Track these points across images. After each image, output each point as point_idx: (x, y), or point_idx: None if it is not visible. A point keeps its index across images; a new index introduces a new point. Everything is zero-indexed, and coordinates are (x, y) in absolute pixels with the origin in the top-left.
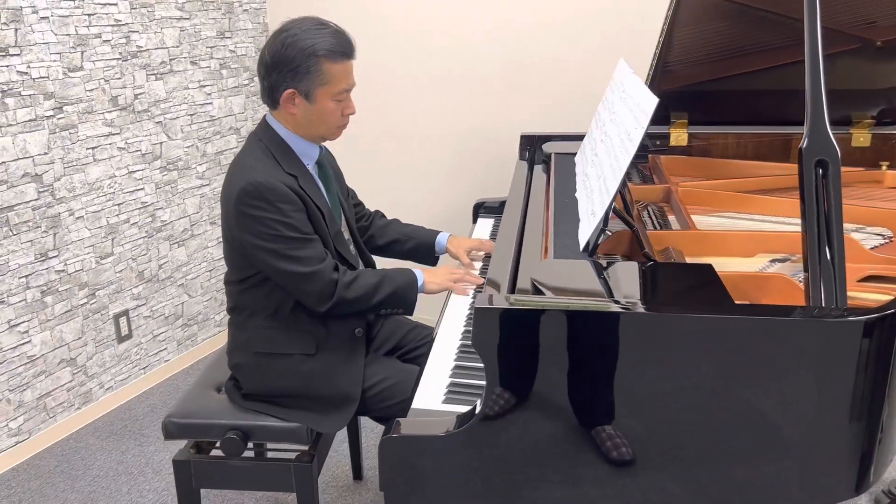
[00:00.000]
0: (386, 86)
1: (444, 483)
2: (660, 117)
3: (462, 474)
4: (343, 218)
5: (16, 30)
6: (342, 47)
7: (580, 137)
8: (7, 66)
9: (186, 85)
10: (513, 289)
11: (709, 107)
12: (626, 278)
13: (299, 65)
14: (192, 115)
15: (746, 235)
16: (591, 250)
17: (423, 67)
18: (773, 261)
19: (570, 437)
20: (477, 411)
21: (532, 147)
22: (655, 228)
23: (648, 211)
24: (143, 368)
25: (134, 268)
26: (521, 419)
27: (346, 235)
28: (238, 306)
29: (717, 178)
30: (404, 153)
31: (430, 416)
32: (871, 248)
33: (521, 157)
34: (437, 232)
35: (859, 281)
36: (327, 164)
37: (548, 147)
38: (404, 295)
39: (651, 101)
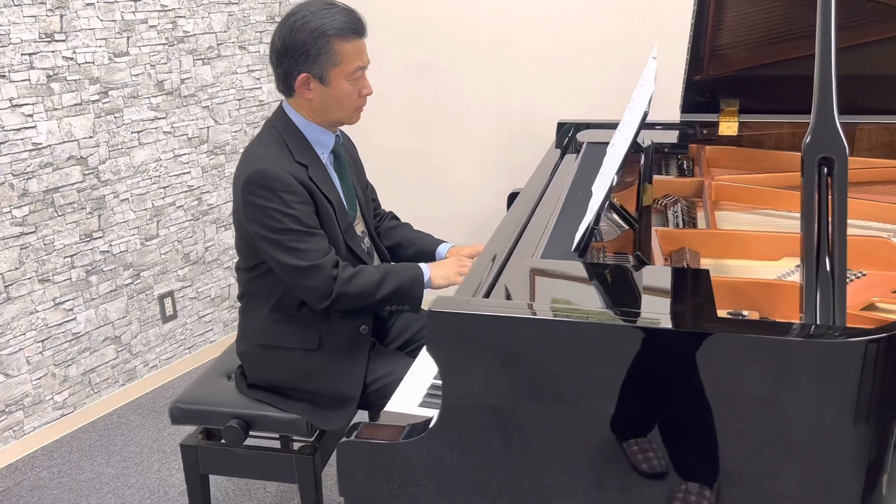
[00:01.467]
0: (423, 72)
1: (397, 491)
2: (706, 104)
3: (415, 483)
4: (358, 210)
5: (61, 16)
6: (352, 25)
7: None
8: (53, 52)
9: (234, 70)
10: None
11: (763, 93)
12: (603, 282)
13: (310, 47)
14: (240, 99)
15: (772, 237)
16: (580, 250)
17: (462, 53)
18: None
19: (520, 449)
20: (432, 424)
21: (569, 135)
22: (678, 226)
23: (678, 206)
24: (189, 349)
25: (179, 250)
26: (474, 432)
27: (361, 229)
28: (246, 294)
29: (765, 172)
30: (442, 142)
31: (402, 419)
32: None
33: (557, 145)
34: (441, 241)
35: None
36: (343, 155)
37: (582, 136)
38: (408, 291)
39: (648, 91)
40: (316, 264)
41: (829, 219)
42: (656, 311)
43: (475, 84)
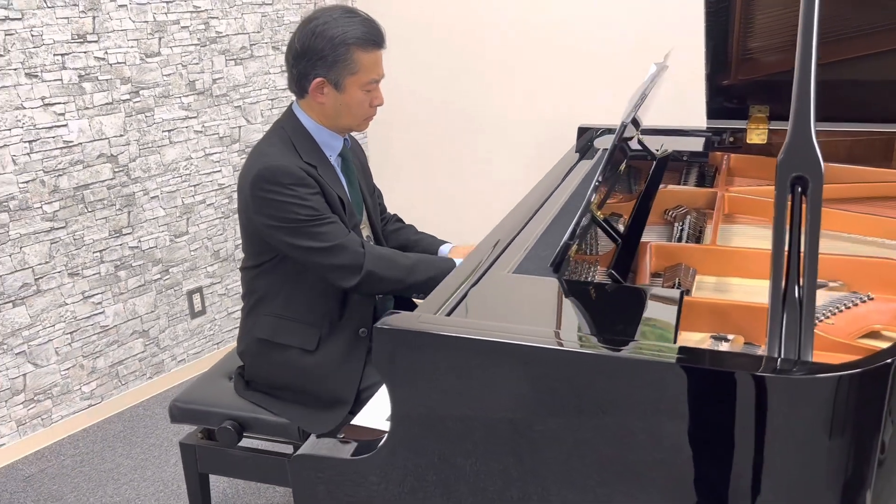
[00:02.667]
0: (450, 79)
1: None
2: (735, 111)
3: (370, 499)
4: (365, 214)
5: (93, 17)
6: (373, 36)
7: (656, 131)
8: (84, 52)
9: (267, 70)
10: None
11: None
12: (559, 301)
13: (329, 53)
14: (272, 99)
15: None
16: (556, 266)
17: (489, 59)
18: None
19: (468, 468)
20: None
21: (590, 140)
22: (680, 240)
23: (687, 219)
24: (217, 344)
25: (209, 247)
26: (420, 449)
27: (367, 233)
28: (250, 291)
29: None
30: (468, 147)
31: (365, 434)
32: None
33: (577, 150)
34: (443, 242)
35: None
36: (351, 158)
37: (599, 142)
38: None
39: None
40: (340, 243)
41: (801, 242)
42: (602, 335)
43: (502, 90)
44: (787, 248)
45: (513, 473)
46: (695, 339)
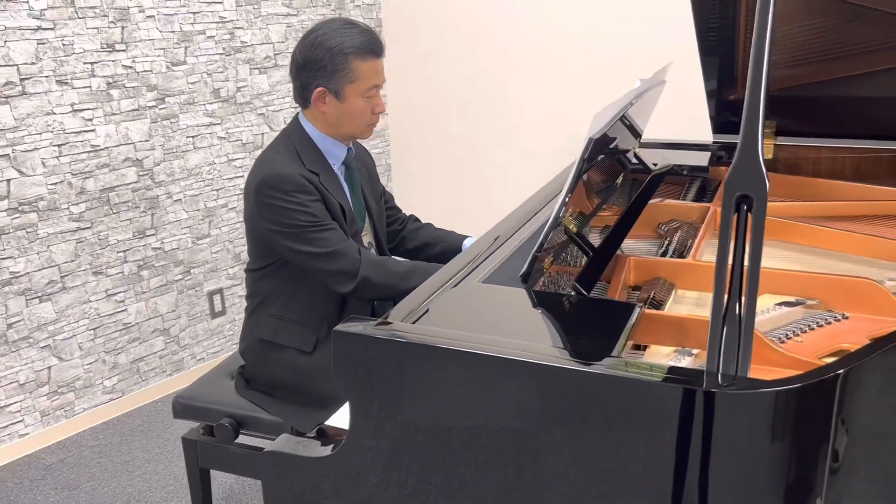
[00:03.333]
0: (472, 83)
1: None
2: (738, 126)
3: (337, 496)
4: (368, 222)
5: (122, 28)
6: (370, 45)
7: (663, 145)
8: (113, 61)
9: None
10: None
11: (803, 115)
12: (517, 312)
13: (328, 63)
14: (295, 107)
15: None
16: (524, 277)
17: (518, 66)
18: (782, 304)
19: (416, 475)
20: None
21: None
22: (665, 254)
23: (678, 233)
24: (236, 344)
25: (231, 249)
26: (376, 454)
27: (368, 240)
28: (253, 293)
29: (797, 199)
30: (488, 149)
31: (337, 433)
32: None
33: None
34: (465, 237)
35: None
36: (355, 167)
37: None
38: None
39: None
40: (338, 249)
41: (744, 259)
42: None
43: (523, 98)
44: (729, 265)
45: (454, 481)
46: (663, 352)
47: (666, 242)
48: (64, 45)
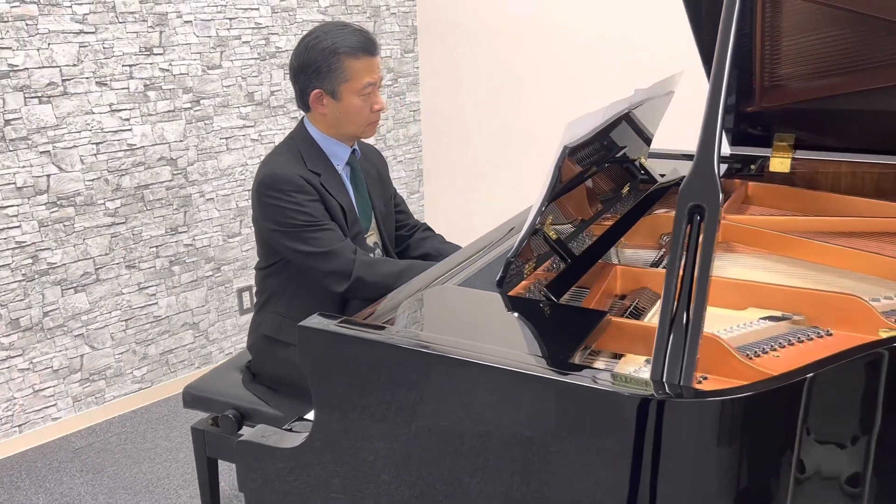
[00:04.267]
0: (502, 92)
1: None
2: (756, 139)
3: (299, 489)
4: (373, 222)
5: (160, 32)
6: (362, 44)
7: (679, 156)
8: (150, 64)
9: None
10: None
11: (821, 128)
12: (489, 316)
13: (321, 64)
14: None
15: (735, 284)
16: (499, 281)
17: (545, 74)
18: (767, 318)
19: (373, 469)
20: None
21: None
22: (657, 265)
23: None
24: None
25: None
26: (334, 446)
27: (374, 240)
28: (260, 290)
29: (814, 214)
30: (517, 158)
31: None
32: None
33: None
34: None
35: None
36: (361, 169)
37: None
38: None
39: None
40: (333, 249)
41: (694, 269)
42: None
43: (561, 106)
44: (679, 274)
45: (405, 476)
46: (639, 361)
47: (662, 253)
48: (104, 48)
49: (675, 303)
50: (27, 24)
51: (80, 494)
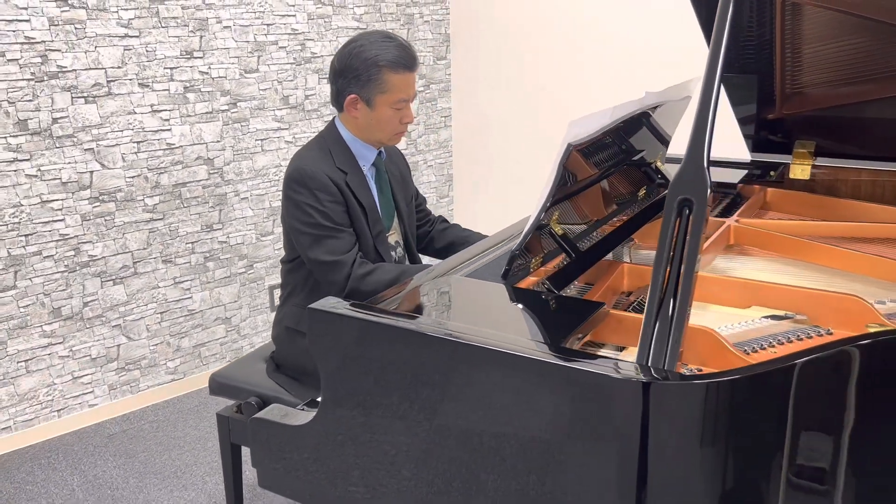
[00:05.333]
0: (533, 96)
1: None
2: (777, 145)
3: (310, 464)
4: (397, 221)
5: (200, 37)
6: (403, 60)
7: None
8: (190, 67)
9: None
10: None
11: (842, 136)
12: (491, 304)
13: (363, 73)
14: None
15: (738, 283)
16: (504, 274)
17: (570, 80)
18: (770, 317)
19: (371, 447)
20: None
21: None
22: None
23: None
24: None
25: None
26: (343, 425)
27: (395, 239)
28: (284, 283)
29: (833, 221)
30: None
31: None
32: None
33: None
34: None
35: None
36: (385, 169)
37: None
38: None
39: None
40: (338, 260)
41: (682, 260)
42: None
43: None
44: (667, 265)
45: (399, 458)
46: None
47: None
48: (147, 51)
49: (662, 293)
50: (76, 28)
51: (113, 478)
